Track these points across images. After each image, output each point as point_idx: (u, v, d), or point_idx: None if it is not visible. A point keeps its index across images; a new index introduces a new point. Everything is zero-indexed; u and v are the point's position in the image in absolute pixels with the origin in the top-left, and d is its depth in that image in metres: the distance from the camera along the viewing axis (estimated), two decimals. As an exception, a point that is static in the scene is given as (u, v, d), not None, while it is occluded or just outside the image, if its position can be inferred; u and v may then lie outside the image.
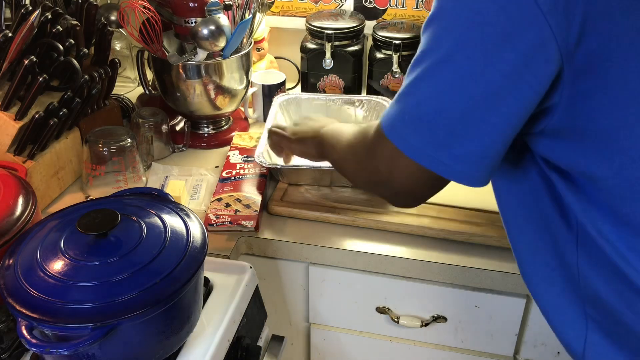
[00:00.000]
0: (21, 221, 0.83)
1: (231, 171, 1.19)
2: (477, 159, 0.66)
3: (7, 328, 0.79)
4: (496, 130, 0.65)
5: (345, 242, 1.06)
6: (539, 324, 1.05)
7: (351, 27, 1.38)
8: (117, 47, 1.56)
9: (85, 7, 1.22)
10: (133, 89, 1.59)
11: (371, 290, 1.09)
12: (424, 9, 1.48)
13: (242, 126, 1.41)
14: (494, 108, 0.63)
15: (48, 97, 1.11)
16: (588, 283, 0.70)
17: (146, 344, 0.73)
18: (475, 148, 0.65)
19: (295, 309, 1.17)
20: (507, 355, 1.11)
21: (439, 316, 1.09)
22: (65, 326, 0.66)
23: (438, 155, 0.66)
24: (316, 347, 1.21)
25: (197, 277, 0.75)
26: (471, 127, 0.64)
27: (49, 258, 0.72)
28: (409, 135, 0.67)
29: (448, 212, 1.09)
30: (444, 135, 0.65)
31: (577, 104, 0.63)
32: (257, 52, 1.51)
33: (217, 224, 1.06)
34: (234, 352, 0.87)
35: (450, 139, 0.65)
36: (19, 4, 1.13)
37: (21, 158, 1.07)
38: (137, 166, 1.17)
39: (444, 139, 0.65)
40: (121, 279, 0.70)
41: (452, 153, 0.66)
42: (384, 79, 1.39)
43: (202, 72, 1.24)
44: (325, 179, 1.15)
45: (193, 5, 1.22)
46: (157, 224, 0.78)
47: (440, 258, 1.02)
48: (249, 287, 0.93)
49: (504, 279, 1.00)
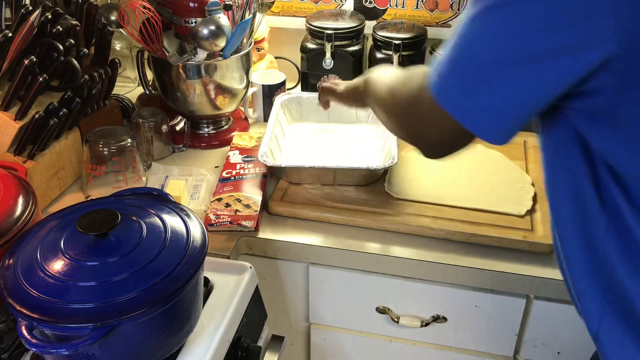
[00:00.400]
0: (21, 221, 0.82)
1: (231, 171, 1.19)
2: (500, 114, 0.66)
3: (7, 328, 0.79)
4: (526, 92, 0.64)
5: (345, 242, 1.06)
6: (539, 324, 1.05)
7: (351, 27, 1.38)
8: (117, 47, 1.56)
9: (85, 7, 1.22)
10: (133, 89, 1.59)
11: (371, 290, 1.09)
12: (424, 9, 1.48)
13: (242, 126, 1.42)
14: (530, 71, 0.63)
15: (48, 97, 1.11)
16: (612, 271, 0.70)
17: (146, 344, 0.73)
18: (501, 102, 0.65)
19: (295, 309, 1.17)
20: (507, 355, 1.11)
21: (439, 316, 1.09)
22: (65, 326, 0.67)
23: (464, 102, 0.67)
24: (316, 347, 1.21)
25: (197, 277, 0.75)
26: (502, 80, 0.64)
27: (49, 258, 0.72)
28: (444, 78, 0.68)
29: (448, 212, 1.09)
30: (473, 82, 0.65)
31: (624, 90, 0.62)
32: (257, 52, 1.51)
33: (217, 224, 1.06)
34: (234, 352, 0.87)
35: (479, 86, 0.65)
36: (19, 4, 1.13)
37: (21, 158, 1.07)
38: (137, 166, 1.17)
39: (473, 85, 0.66)
40: (121, 279, 0.70)
41: (477, 101, 0.66)
42: (384, 79, 1.39)
43: (202, 72, 1.24)
44: (328, 177, 1.15)
45: (193, 5, 1.22)
46: (157, 224, 0.78)
47: (440, 258, 1.02)
48: (249, 287, 0.93)
49: (504, 279, 1.00)
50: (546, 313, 1.03)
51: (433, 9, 1.48)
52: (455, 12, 1.47)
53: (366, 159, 1.22)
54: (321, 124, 1.35)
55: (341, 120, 1.36)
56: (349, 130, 1.33)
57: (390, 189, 1.15)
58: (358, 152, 1.25)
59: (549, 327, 1.05)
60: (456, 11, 1.46)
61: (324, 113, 1.36)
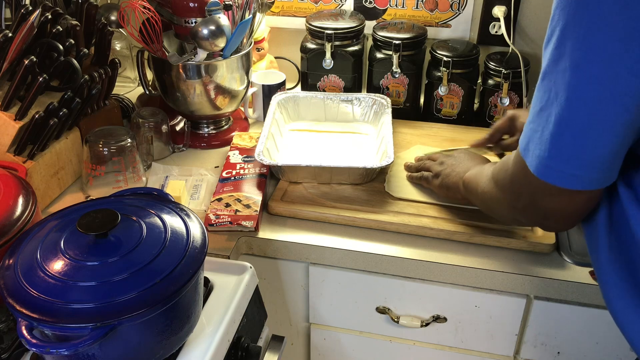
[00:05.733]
0: (21, 221, 0.82)
1: (231, 171, 1.19)
2: (605, 161, 0.66)
3: (7, 328, 0.79)
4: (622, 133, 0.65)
5: (345, 242, 1.06)
6: (539, 324, 1.05)
7: (351, 27, 1.38)
8: (117, 47, 1.56)
9: (85, 7, 1.22)
10: (133, 89, 1.59)
11: (371, 290, 1.09)
12: (424, 9, 1.48)
13: (242, 126, 1.42)
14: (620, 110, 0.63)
15: (48, 97, 1.11)
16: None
17: (146, 344, 0.73)
18: (602, 152, 0.66)
19: (295, 309, 1.17)
20: (507, 355, 1.11)
21: (439, 316, 1.09)
22: (65, 326, 0.66)
23: (567, 168, 0.67)
24: (316, 347, 1.21)
25: (197, 277, 0.75)
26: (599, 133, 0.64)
27: (49, 258, 0.72)
28: (543, 153, 0.68)
29: (448, 212, 1.09)
30: (572, 148, 0.66)
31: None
32: (257, 52, 1.51)
33: (217, 224, 1.06)
34: (234, 352, 0.87)
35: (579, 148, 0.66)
36: (19, 4, 1.13)
37: (21, 158, 1.07)
38: (137, 166, 1.17)
39: (573, 149, 0.66)
40: (121, 279, 0.70)
41: (581, 162, 0.66)
42: (384, 79, 1.39)
43: (202, 72, 1.24)
44: (325, 176, 1.15)
45: (193, 5, 1.22)
46: (157, 224, 0.78)
47: (440, 258, 1.02)
48: (249, 287, 0.93)
49: (504, 279, 1.00)
50: (546, 313, 1.03)
51: (433, 9, 1.48)
52: (455, 12, 1.47)
53: (363, 158, 1.22)
54: (318, 123, 1.35)
55: (338, 119, 1.36)
56: (345, 129, 1.33)
57: (390, 189, 1.15)
58: (354, 151, 1.25)
59: (549, 327, 1.05)
60: (456, 11, 1.47)
61: (320, 112, 1.36)
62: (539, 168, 0.69)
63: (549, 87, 0.66)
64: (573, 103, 0.64)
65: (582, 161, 0.66)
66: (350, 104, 1.35)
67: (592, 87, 0.62)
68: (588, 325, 1.02)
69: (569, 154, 0.67)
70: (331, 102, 1.35)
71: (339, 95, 1.36)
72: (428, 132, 1.34)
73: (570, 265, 1.00)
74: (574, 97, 0.64)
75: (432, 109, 1.40)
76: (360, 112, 1.35)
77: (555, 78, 0.65)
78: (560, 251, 1.02)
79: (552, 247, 1.02)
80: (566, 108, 0.65)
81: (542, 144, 0.68)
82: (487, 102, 1.36)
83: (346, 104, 1.35)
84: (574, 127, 0.65)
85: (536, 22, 1.43)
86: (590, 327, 1.02)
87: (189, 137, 1.34)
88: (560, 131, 0.66)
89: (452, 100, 1.37)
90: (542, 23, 1.42)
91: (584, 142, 0.65)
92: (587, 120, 0.64)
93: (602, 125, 0.64)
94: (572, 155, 0.67)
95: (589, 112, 0.64)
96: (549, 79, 0.66)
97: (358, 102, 1.35)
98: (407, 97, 1.40)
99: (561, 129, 0.66)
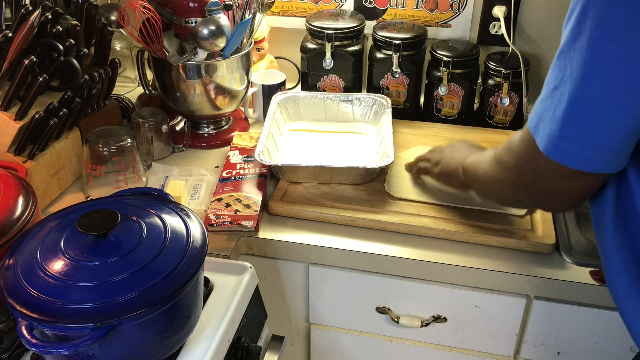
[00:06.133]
0: (21, 221, 0.82)
1: (231, 171, 1.19)
2: (615, 145, 0.66)
3: (7, 328, 0.79)
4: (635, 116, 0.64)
5: (345, 242, 1.06)
6: (539, 324, 1.05)
7: (351, 27, 1.38)
8: (117, 47, 1.56)
9: (85, 7, 1.22)
10: (133, 89, 1.59)
11: (371, 290, 1.09)
12: (424, 9, 1.48)
13: (242, 126, 1.42)
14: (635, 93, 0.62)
15: (48, 97, 1.11)
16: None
17: (146, 344, 0.73)
18: (614, 135, 0.65)
19: (295, 309, 1.17)
20: (507, 355, 1.11)
21: (439, 316, 1.09)
22: (65, 326, 0.66)
23: (576, 149, 0.66)
24: (316, 347, 1.21)
25: (197, 277, 0.75)
26: (611, 114, 0.64)
27: (49, 258, 0.72)
28: (554, 132, 0.67)
29: (448, 212, 1.09)
30: (585, 127, 0.65)
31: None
32: (257, 52, 1.51)
33: (217, 224, 1.06)
34: (234, 352, 0.87)
35: (591, 128, 0.65)
36: (19, 4, 1.13)
37: (21, 158, 1.07)
38: (137, 166, 1.17)
39: (585, 131, 0.65)
40: (121, 279, 0.70)
41: (593, 143, 0.65)
42: (384, 79, 1.39)
43: (202, 72, 1.24)
44: (325, 176, 1.15)
45: (193, 5, 1.22)
46: (157, 224, 0.78)
47: (440, 258, 1.02)
48: (249, 287, 0.93)
49: (504, 279, 1.00)
50: (546, 313, 1.03)
51: (433, 9, 1.48)
52: (455, 12, 1.47)
53: (363, 158, 1.22)
54: (318, 123, 1.35)
55: (338, 119, 1.36)
56: (345, 129, 1.33)
57: (390, 189, 1.15)
58: (354, 151, 1.26)
59: (549, 327, 1.05)
60: (456, 11, 1.47)
61: (320, 112, 1.36)
62: (549, 147, 0.68)
63: (565, 65, 0.66)
64: (588, 82, 0.63)
65: (594, 142, 0.65)
66: (350, 104, 1.35)
67: (609, 67, 0.62)
68: (588, 325, 1.02)
69: (581, 134, 0.66)
70: (331, 102, 1.35)
71: (339, 95, 1.36)
72: (428, 132, 1.34)
73: (570, 265, 1.00)
74: (590, 76, 0.63)
75: (432, 109, 1.40)
76: (360, 112, 1.35)
77: (572, 56, 0.64)
78: (560, 251, 1.02)
79: (552, 247, 1.02)
80: (581, 87, 0.64)
81: (554, 123, 0.67)
82: (487, 102, 1.36)
83: (346, 104, 1.35)
84: (588, 107, 0.64)
85: (536, 22, 1.43)
86: (590, 327, 1.02)
87: (189, 137, 1.34)
88: (574, 110, 0.65)
89: (452, 100, 1.37)
90: (542, 23, 1.42)
91: (597, 123, 0.64)
92: (602, 101, 0.63)
93: (617, 107, 0.63)
94: (584, 136, 0.65)
95: (605, 92, 0.63)
96: (564, 57, 0.66)
97: (358, 102, 1.35)
98: (407, 97, 1.40)
99: (575, 108, 0.65)
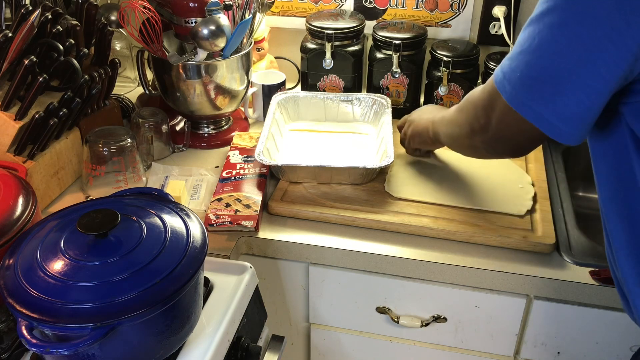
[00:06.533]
0: (21, 221, 0.82)
1: (231, 171, 1.19)
2: (577, 117, 0.70)
3: (7, 328, 0.79)
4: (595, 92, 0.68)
5: (345, 242, 1.06)
6: (539, 324, 1.05)
7: (351, 27, 1.38)
8: (117, 47, 1.56)
9: (85, 7, 1.22)
10: (133, 89, 1.59)
11: (371, 290, 1.09)
12: (424, 9, 1.48)
13: (242, 126, 1.42)
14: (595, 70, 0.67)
15: (48, 97, 1.11)
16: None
17: (146, 344, 0.73)
18: (576, 107, 0.69)
19: (295, 309, 1.17)
20: (507, 355, 1.11)
21: (439, 316, 1.09)
22: (65, 326, 0.66)
23: (542, 111, 0.71)
24: (316, 347, 1.21)
25: (197, 277, 0.75)
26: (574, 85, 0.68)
27: (49, 258, 0.72)
28: (519, 91, 0.73)
29: (448, 212, 1.09)
30: (550, 92, 0.70)
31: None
32: (257, 52, 1.51)
33: (217, 224, 1.06)
34: (234, 352, 0.87)
35: (555, 96, 0.70)
36: (19, 4, 1.13)
37: (21, 158, 1.07)
38: (137, 166, 1.17)
39: (549, 96, 0.70)
40: (121, 279, 0.70)
41: (556, 110, 0.70)
42: (384, 79, 1.39)
43: (202, 72, 1.24)
44: (325, 175, 1.15)
45: (193, 5, 1.22)
46: (157, 224, 0.78)
47: (440, 258, 1.02)
48: (249, 287, 0.93)
49: (504, 279, 1.00)
50: (546, 313, 1.03)
51: (433, 9, 1.48)
52: (455, 12, 1.47)
53: (363, 158, 1.22)
54: (318, 123, 1.35)
55: (338, 119, 1.36)
56: (345, 129, 1.33)
57: (390, 189, 1.15)
58: (355, 151, 1.25)
59: (549, 327, 1.05)
60: (456, 11, 1.46)
61: (320, 112, 1.36)
62: (514, 100, 0.74)
63: (533, 35, 0.70)
64: (554, 58, 0.68)
65: (555, 110, 0.70)
66: (350, 104, 1.35)
67: (574, 47, 0.66)
68: (588, 325, 1.02)
69: (543, 99, 0.71)
70: (331, 102, 1.35)
71: (339, 95, 1.36)
72: (428, 132, 1.34)
73: (570, 265, 1.00)
74: (555, 52, 0.68)
75: (432, 109, 1.40)
76: (360, 112, 1.35)
77: (541, 29, 0.69)
78: (560, 251, 1.02)
79: (552, 247, 1.02)
80: (547, 59, 0.69)
81: (519, 83, 0.73)
82: (487, 102, 1.36)
83: (346, 104, 1.35)
84: (550, 78, 0.69)
85: (536, 22, 1.42)
86: (590, 327, 1.02)
87: (189, 137, 1.34)
88: (538, 77, 0.70)
89: (452, 100, 1.37)
90: (542, 23, 1.42)
91: (558, 94, 0.69)
92: (566, 76, 0.68)
93: (578, 84, 0.68)
94: (547, 102, 0.70)
95: (568, 69, 0.68)
96: (534, 27, 0.70)
97: (358, 102, 1.35)
98: (407, 97, 1.40)
99: (538, 76, 0.70)
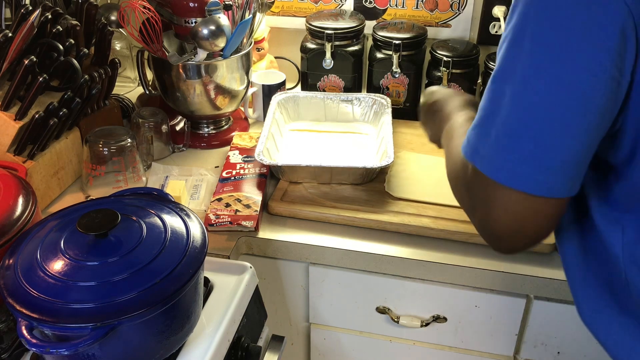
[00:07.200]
0: (21, 221, 0.82)
1: (231, 171, 1.19)
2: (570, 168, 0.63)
3: (7, 328, 0.79)
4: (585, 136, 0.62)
5: (345, 242, 1.06)
6: (539, 324, 1.05)
7: (351, 27, 1.38)
8: (117, 47, 1.56)
9: (85, 7, 1.22)
10: (133, 89, 1.59)
11: (371, 290, 1.09)
12: (423, 9, 1.48)
13: (242, 126, 1.42)
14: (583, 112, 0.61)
15: (48, 97, 1.11)
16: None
17: (146, 344, 0.73)
18: (566, 157, 0.62)
19: (295, 309, 1.17)
20: (507, 355, 1.11)
21: (439, 316, 1.09)
22: (65, 326, 0.66)
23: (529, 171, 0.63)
24: (316, 347, 1.21)
25: (197, 277, 0.75)
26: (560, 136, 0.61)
27: (49, 258, 0.72)
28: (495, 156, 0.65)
29: (448, 212, 1.09)
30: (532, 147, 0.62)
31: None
32: (257, 52, 1.51)
33: (217, 224, 1.06)
34: (234, 352, 0.87)
35: (540, 150, 0.62)
36: (19, 4, 1.13)
37: (21, 158, 1.07)
38: (137, 166, 1.17)
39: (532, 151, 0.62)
40: (121, 279, 0.70)
41: (543, 165, 0.62)
42: (384, 79, 1.39)
43: (202, 72, 1.24)
44: (325, 175, 1.15)
45: (193, 5, 1.22)
46: (157, 224, 0.78)
47: (440, 258, 1.02)
48: (249, 287, 0.93)
49: (504, 279, 1.00)
50: (546, 313, 1.03)
51: (433, 9, 1.48)
52: (455, 12, 1.47)
53: (363, 158, 1.22)
54: (318, 123, 1.35)
55: (338, 119, 1.36)
56: (345, 129, 1.33)
57: (390, 189, 1.15)
58: (355, 151, 1.25)
59: (549, 327, 1.05)
60: (456, 11, 1.47)
61: (320, 112, 1.36)
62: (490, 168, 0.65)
63: (503, 89, 0.63)
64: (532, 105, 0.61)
65: (541, 165, 0.62)
66: (350, 104, 1.35)
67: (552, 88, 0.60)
68: (588, 325, 1.02)
69: (525, 156, 0.62)
70: (331, 102, 1.35)
71: (339, 95, 1.36)
72: (428, 132, 1.34)
73: (570, 265, 1.00)
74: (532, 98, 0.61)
75: (432, 109, 1.40)
76: (360, 112, 1.35)
77: (513, 80, 0.62)
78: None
79: (552, 247, 1.02)
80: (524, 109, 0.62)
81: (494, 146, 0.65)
82: (487, 102, 1.36)
83: (346, 104, 1.35)
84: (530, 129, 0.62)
85: (536, 22, 1.42)
86: (590, 327, 1.02)
87: (189, 137, 1.34)
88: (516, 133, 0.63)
89: (452, 100, 1.37)
90: (542, 23, 1.42)
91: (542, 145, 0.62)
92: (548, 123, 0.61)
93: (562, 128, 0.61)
94: (529, 158, 0.62)
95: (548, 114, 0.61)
96: (501, 81, 0.64)
97: (358, 102, 1.35)
98: (407, 97, 1.40)
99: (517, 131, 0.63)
